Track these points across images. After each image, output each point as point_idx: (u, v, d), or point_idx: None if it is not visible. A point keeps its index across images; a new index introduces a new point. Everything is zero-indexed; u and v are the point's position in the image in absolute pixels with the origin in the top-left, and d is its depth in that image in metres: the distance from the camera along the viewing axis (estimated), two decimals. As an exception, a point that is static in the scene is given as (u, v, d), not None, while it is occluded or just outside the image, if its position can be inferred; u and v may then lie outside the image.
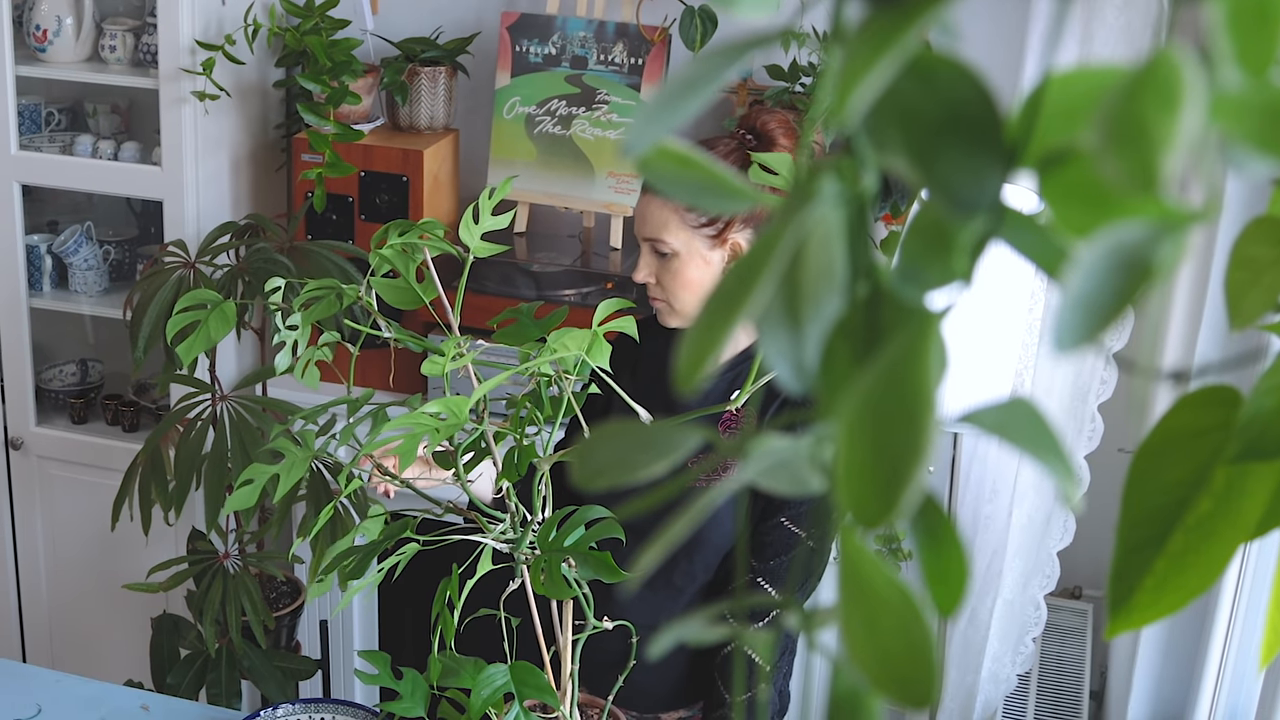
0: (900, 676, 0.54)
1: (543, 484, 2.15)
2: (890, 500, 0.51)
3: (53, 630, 4.53)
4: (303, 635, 4.15)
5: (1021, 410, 0.56)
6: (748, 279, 0.51)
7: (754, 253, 0.52)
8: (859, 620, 0.55)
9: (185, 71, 3.84)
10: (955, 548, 0.56)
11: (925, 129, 0.51)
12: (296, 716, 2.83)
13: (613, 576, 2.04)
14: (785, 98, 3.58)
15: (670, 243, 2.60)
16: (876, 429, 0.51)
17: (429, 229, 2.18)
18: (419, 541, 2.14)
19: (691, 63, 0.56)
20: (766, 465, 0.57)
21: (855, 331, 0.54)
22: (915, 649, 0.53)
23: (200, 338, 2.20)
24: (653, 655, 0.66)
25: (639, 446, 0.62)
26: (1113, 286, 0.48)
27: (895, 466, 0.50)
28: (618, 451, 0.62)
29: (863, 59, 0.48)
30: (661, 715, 2.87)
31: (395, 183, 3.87)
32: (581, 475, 0.64)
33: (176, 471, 3.54)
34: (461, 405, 2.01)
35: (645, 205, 2.63)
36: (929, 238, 0.52)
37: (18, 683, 3.06)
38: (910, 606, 0.54)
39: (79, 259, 4.27)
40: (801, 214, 0.52)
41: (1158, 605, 0.76)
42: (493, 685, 2.12)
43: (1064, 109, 0.50)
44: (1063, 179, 0.51)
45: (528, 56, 3.90)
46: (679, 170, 0.59)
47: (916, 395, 0.50)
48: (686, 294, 2.63)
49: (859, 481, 0.51)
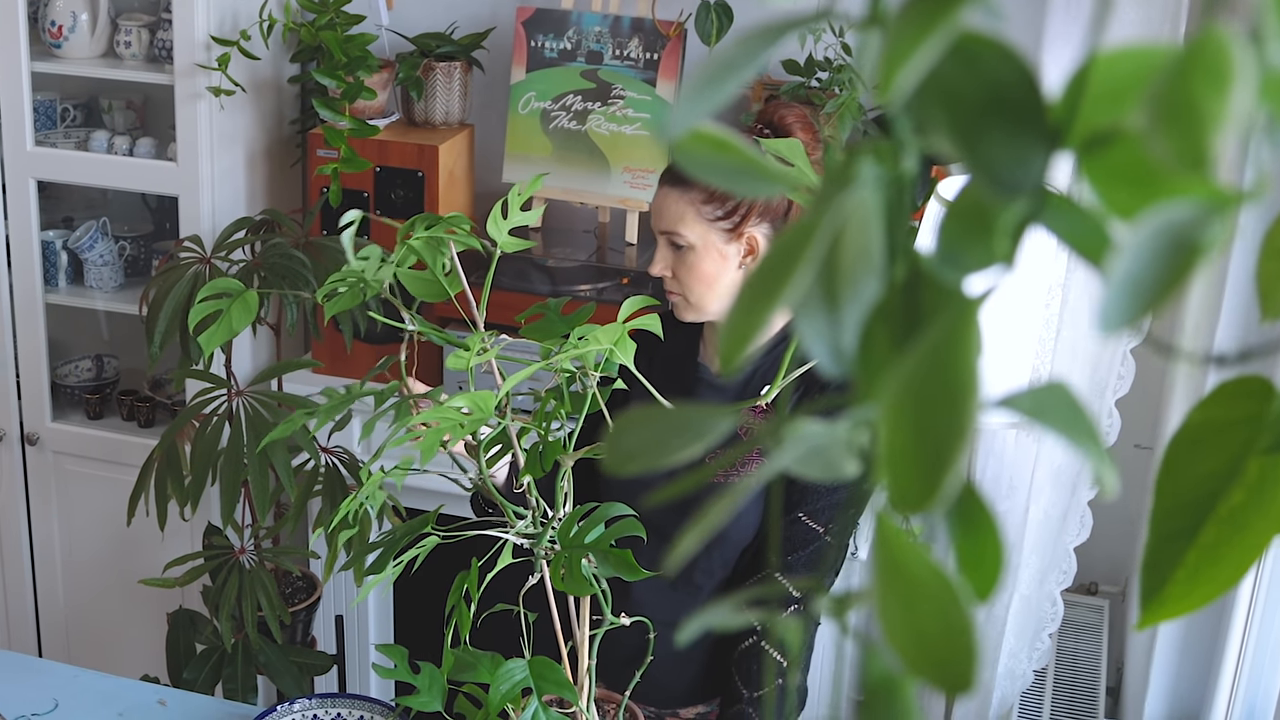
0: (938, 659, 0.54)
1: (565, 480, 2.15)
2: (932, 484, 0.50)
3: (69, 626, 4.54)
4: (318, 630, 4.15)
5: (1057, 395, 0.55)
6: (787, 263, 0.51)
7: (792, 236, 0.52)
8: (896, 604, 0.54)
9: (200, 67, 3.84)
10: (991, 533, 0.56)
11: (968, 110, 0.50)
12: (313, 711, 2.83)
13: (633, 574, 2.04)
14: (801, 92, 3.57)
15: (687, 236, 2.60)
16: (918, 413, 0.50)
17: (456, 223, 2.18)
18: (438, 535, 2.14)
19: (730, 45, 0.56)
20: (801, 452, 0.56)
21: (894, 315, 0.53)
22: (953, 632, 0.53)
23: (222, 327, 2.20)
24: (680, 645, 0.66)
25: (671, 431, 0.62)
26: (1160, 267, 0.47)
27: (937, 450, 0.50)
28: (649, 436, 0.62)
29: (907, 40, 0.47)
30: (680, 711, 2.87)
31: (410, 178, 3.86)
32: (612, 460, 0.64)
33: (192, 467, 3.53)
34: (487, 400, 2.00)
35: (663, 198, 2.63)
36: (969, 220, 0.52)
37: (35, 678, 3.06)
38: (947, 590, 0.53)
39: (94, 255, 4.27)
40: (840, 197, 0.52)
41: (1190, 597, 0.76)
42: (511, 680, 2.12)
43: (1108, 90, 0.50)
44: (1106, 160, 0.51)
45: (543, 51, 3.90)
46: (714, 154, 0.59)
47: (958, 378, 0.50)
48: (702, 288, 2.63)
49: (901, 465, 0.51)
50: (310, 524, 3.93)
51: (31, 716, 2.91)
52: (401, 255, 2.19)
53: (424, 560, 2.14)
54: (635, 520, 2.11)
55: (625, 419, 0.64)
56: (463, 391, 2.02)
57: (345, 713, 2.84)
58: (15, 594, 4.54)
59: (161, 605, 4.17)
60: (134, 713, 2.96)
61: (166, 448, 3.59)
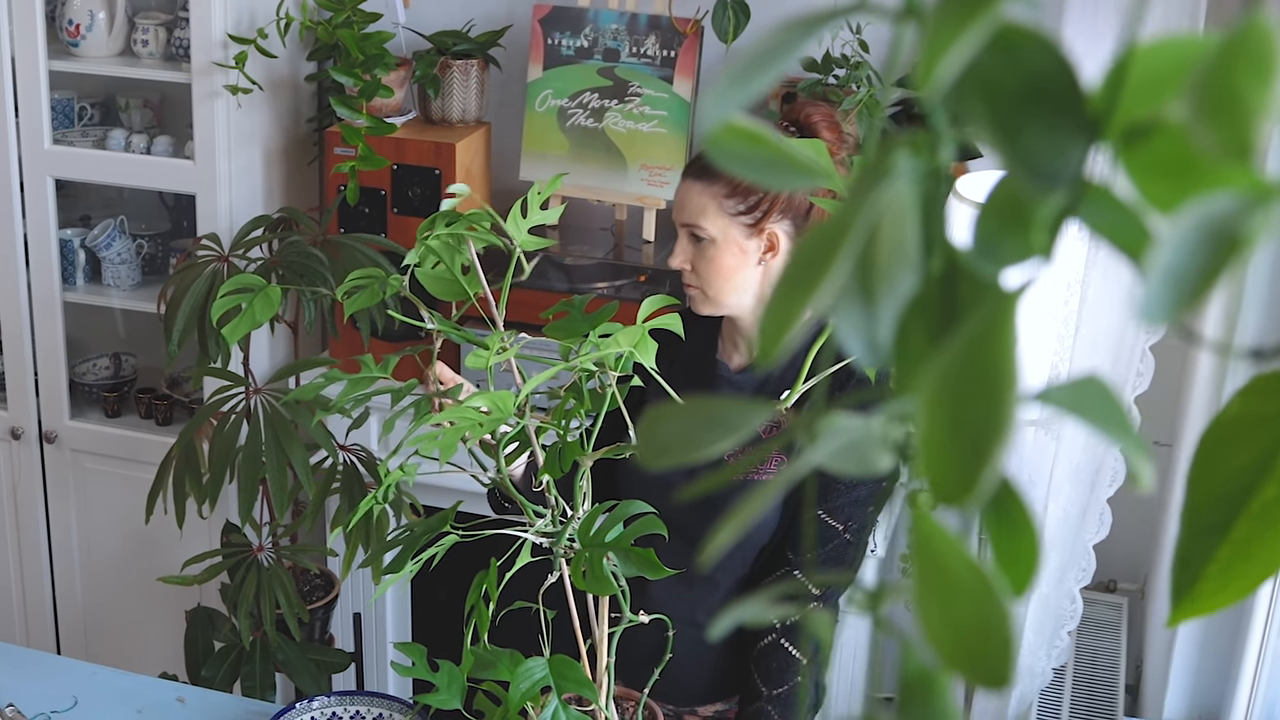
0: (975, 654, 0.54)
1: (584, 479, 2.15)
2: (971, 477, 0.50)
3: (87, 623, 4.55)
4: (336, 628, 4.15)
5: (1093, 389, 0.55)
6: (824, 255, 0.51)
7: (829, 229, 0.52)
8: (933, 599, 0.54)
9: (218, 65, 3.84)
10: (1027, 528, 0.56)
11: (1007, 101, 0.50)
12: (331, 709, 2.83)
13: (656, 573, 2.04)
14: (818, 89, 3.57)
15: (708, 229, 2.60)
16: (957, 406, 0.50)
17: (476, 220, 2.18)
18: (457, 534, 2.14)
19: (766, 36, 0.56)
20: (836, 446, 0.56)
21: (931, 308, 0.53)
22: (990, 627, 0.53)
23: (245, 319, 2.21)
24: (712, 640, 0.66)
25: (705, 424, 0.61)
26: (1201, 259, 0.47)
27: (976, 443, 0.50)
28: (683, 429, 0.62)
29: (946, 32, 0.47)
30: (698, 709, 2.87)
31: (428, 176, 3.87)
32: (645, 454, 0.64)
33: (210, 465, 3.54)
34: (506, 400, 2.00)
35: (685, 190, 2.64)
36: (1006, 213, 0.52)
37: (54, 675, 3.06)
38: (984, 585, 0.53)
39: (112, 253, 4.28)
40: (877, 190, 0.51)
41: (1223, 593, 0.76)
42: (531, 679, 2.12)
43: (1148, 81, 0.50)
44: (1145, 152, 0.50)
45: (560, 49, 3.90)
46: (748, 147, 0.59)
47: (997, 371, 0.49)
48: (721, 281, 2.63)
49: (940, 459, 0.51)
50: (328, 522, 3.94)
51: (51, 714, 2.92)
52: (420, 254, 2.19)
53: (442, 557, 2.14)
54: (656, 518, 2.10)
55: (657, 413, 0.64)
56: (482, 389, 2.02)
57: (364, 710, 2.84)
58: (34, 591, 4.55)
59: (179, 603, 4.17)
60: (153, 710, 2.97)
61: (185, 446, 3.59)
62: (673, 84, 3.81)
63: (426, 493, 3.72)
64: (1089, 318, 3.15)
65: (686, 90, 3.80)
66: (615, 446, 2.14)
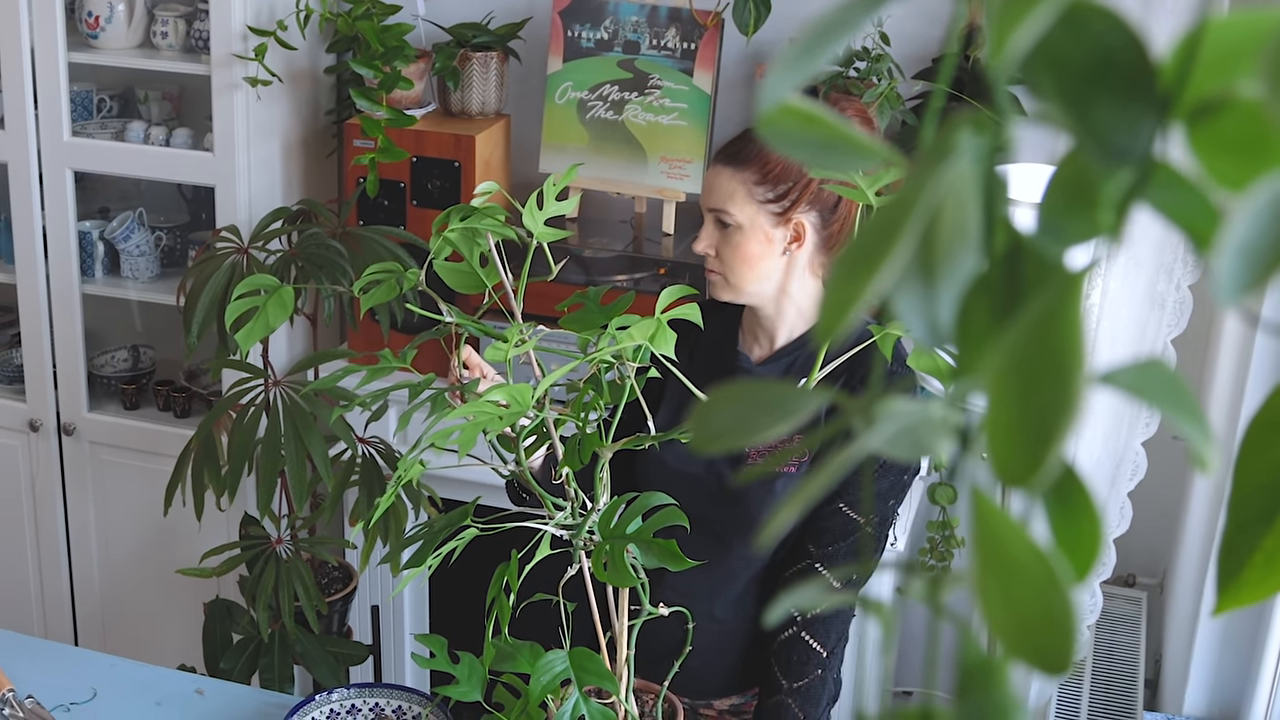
0: (1037, 642, 0.53)
1: (603, 471, 2.15)
2: (1038, 458, 0.50)
3: (105, 615, 4.55)
4: (354, 620, 4.15)
5: (1158, 371, 0.55)
6: (887, 234, 0.50)
7: (891, 209, 0.51)
8: (995, 585, 0.54)
9: (237, 57, 3.84)
10: (1089, 512, 0.55)
11: (1077, 76, 0.49)
12: (350, 701, 2.83)
13: (678, 564, 2.04)
14: (839, 82, 3.56)
15: (735, 215, 2.59)
16: (1023, 386, 0.50)
17: (490, 214, 2.18)
18: (477, 527, 2.13)
19: (830, 11, 0.55)
20: (894, 431, 0.55)
21: (995, 288, 0.53)
22: (1052, 613, 0.52)
23: (259, 324, 2.20)
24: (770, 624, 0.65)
25: (760, 409, 0.61)
26: (1275, 236, 0.46)
27: (1043, 424, 0.49)
28: (737, 414, 0.61)
29: (1018, 6, 0.46)
30: (714, 702, 2.86)
31: (447, 168, 3.86)
32: (699, 438, 0.63)
33: (230, 457, 3.54)
34: (525, 393, 2.00)
35: (715, 175, 2.64)
36: (1071, 192, 0.51)
37: (73, 666, 3.06)
38: (1047, 571, 0.53)
39: (131, 245, 4.28)
40: (940, 169, 0.51)
41: (1267, 582, 0.75)
42: (552, 671, 2.11)
43: (1219, 57, 0.49)
44: (1214, 129, 0.50)
45: (580, 41, 3.89)
46: (803, 128, 0.58)
47: (1064, 351, 0.49)
48: (745, 269, 2.62)
49: (1006, 440, 0.50)
50: (346, 514, 3.94)
51: (70, 705, 2.92)
52: (437, 247, 2.18)
53: (460, 550, 2.14)
54: (677, 509, 2.10)
55: (714, 398, 0.63)
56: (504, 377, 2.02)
57: (383, 702, 2.84)
58: (51, 584, 4.55)
59: (196, 596, 4.17)
60: (172, 702, 2.96)
61: (203, 438, 3.60)
62: (693, 76, 3.80)
63: (444, 485, 3.72)
64: (1110, 311, 3.14)
65: (707, 83, 3.79)
66: (635, 438, 2.14)
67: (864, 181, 1.94)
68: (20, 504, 4.48)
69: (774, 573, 2.73)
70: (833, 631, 2.68)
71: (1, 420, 4.43)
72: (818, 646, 2.67)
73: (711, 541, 2.64)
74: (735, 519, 2.69)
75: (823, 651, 2.67)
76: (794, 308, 2.68)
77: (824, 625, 2.67)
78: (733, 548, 2.71)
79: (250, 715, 2.94)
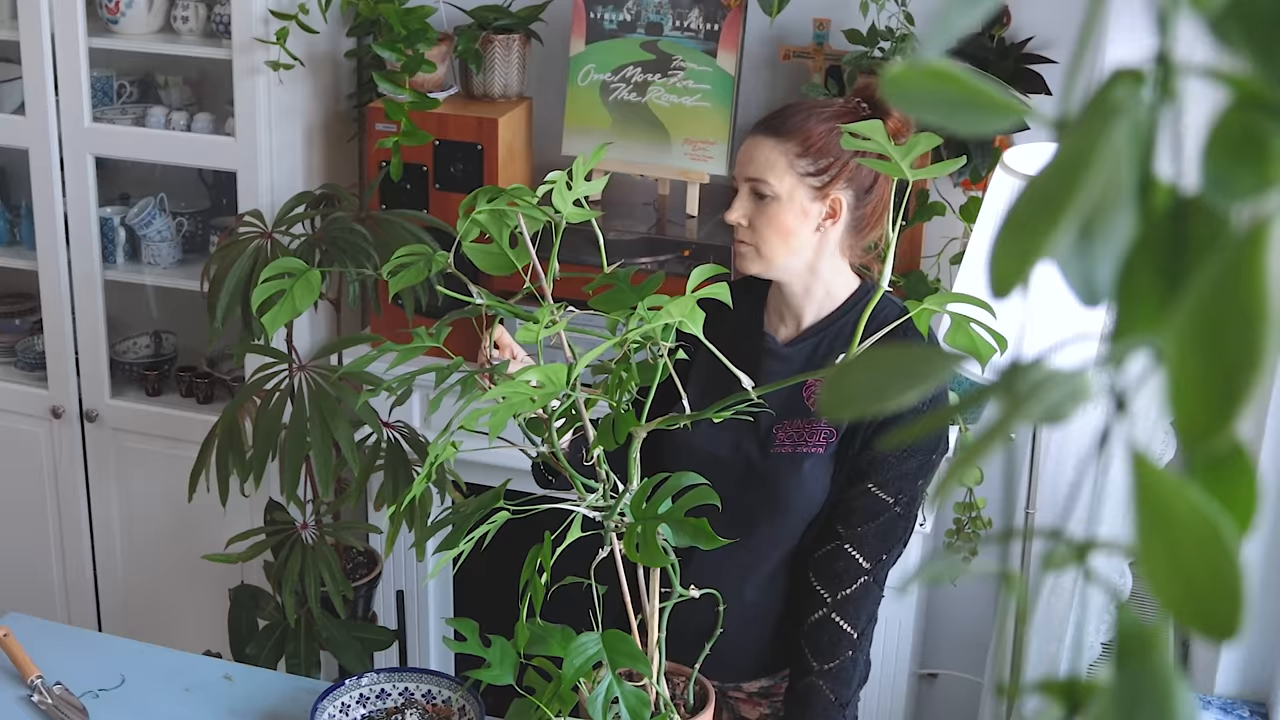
0: (1204, 605, 0.53)
1: (636, 451, 2.14)
2: (1226, 413, 0.49)
3: (129, 602, 4.55)
4: (379, 606, 4.15)
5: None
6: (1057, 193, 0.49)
7: (1057, 166, 0.50)
8: (1160, 549, 0.53)
9: (259, 41, 3.83)
10: (1245, 470, 0.54)
11: (1266, 23, 0.48)
12: (380, 685, 2.83)
13: (710, 543, 2.02)
14: (864, 62, 3.54)
15: (774, 185, 2.58)
16: (1209, 343, 0.49)
17: (518, 195, 2.17)
18: (509, 510, 2.12)
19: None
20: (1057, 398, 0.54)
21: (1159, 246, 0.52)
22: (1220, 574, 0.52)
23: (285, 307, 2.19)
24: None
25: (892, 374, 0.59)
26: None
27: (1231, 380, 0.49)
28: (870, 380, 0.60)
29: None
30: (743, 685, 2.85)
31: (470, 151, 3.85)
32: (830, 403, 0.62)
33: (255, 442, 3.53)
34: (559, 373, 1.99)
35: (755, 146, 2.62)
36: (1239, 146, 0.50)
37: (101, 653, 3.06)
38: (1212, 530, 0.52)
39: (152, 231, 4.27)
40: (1108, 125, 0.50)
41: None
42: (585, 653, 2.11)
43: None
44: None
45: (602, 23, 3.87)
46: (934, 86, 0.56)
47: (1251, 304, 0.48)
48: (778, 241, 2.61)
49: (1191, 397, 0.49)
50: (370, 498, 3.93)
51: (99, 692, 2.92)
52: (465, 228, 2.17)
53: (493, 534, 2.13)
54: (709, 488, 2.09)
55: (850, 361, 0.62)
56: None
57: (413, 687, 2.84)
58: (75, 571, 4.55)
59: (219, 582, 4.17)
60: (201, 688, 2.96)
61: (228, 423, 3.59)
62: (716, 58, 3.78)
63: (470, 470, 3.70)
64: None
65: (730, 64, 3.77)
66: (669, 417, 2.13)
67: (898, 154, 1.93)
68: (43, 491, 4.48)
69: (803, 554, 2.72)
70: (863, 613, 2.67)
71: (24, 407, 4.43)
72: (848, 628, 2.65)
73: (740, 524, 2.63)
74: (764, 501, 2.68)
75: (853, 633, 2.66)
76: (822, 288, 2.67)
77: (854, 606, 2.66)
78: (761, 530, 2.69)
79: (279, 700, 2.93)
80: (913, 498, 2.67)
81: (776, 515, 2.68)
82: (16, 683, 2.91)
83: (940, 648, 4.32)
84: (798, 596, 2.72)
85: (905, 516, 2.66)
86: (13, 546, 4.59)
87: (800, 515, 2.68)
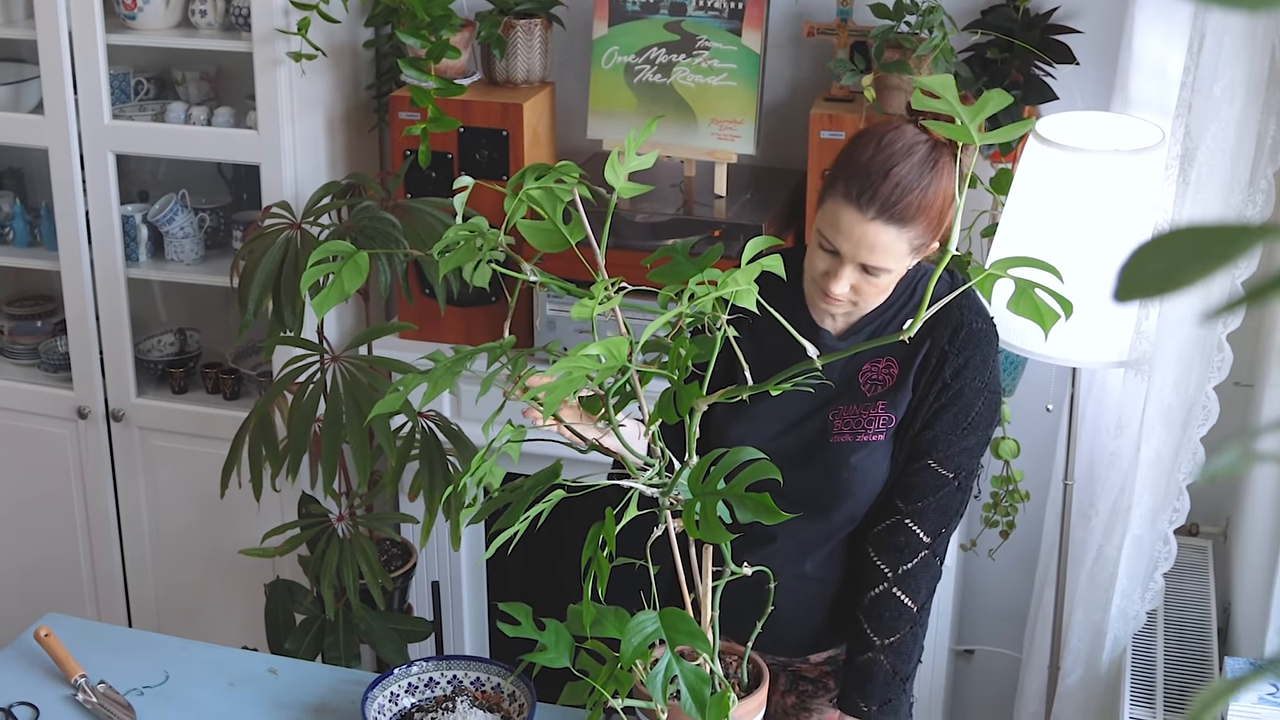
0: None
1: (695, 425, 2.12)
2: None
3: (159, 601, 4.53)
4: (414, 597, 4.13)
5: None
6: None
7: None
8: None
9: (280, 32, 3.81)
10: None
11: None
12: (428, 674, 2.81)
13: (772, 518, 2.00)
14: (891, 36, 3.52)
15: (895, 268, 2.52)
16: None
17: (565, 172, 2.15)
18: (565, 487, 2.11)
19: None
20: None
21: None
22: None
23: (334, 290, 2.17)
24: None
25: (1191, 256, 0.57)
26: None
27: None
28: (1169, 262, 0.58)
29: None
30: (810, 657, 2.85)
31: (495, 137, 3.83)
32: (1126, 288, 0.60)
33: (290, 434, 3.51)
34: (621, 347, 1.97)
35: (872, 232, 2.46)
36: None
37: (142, 651, 3.05)
38: None
39: (175, 227, 4.25)
40: None
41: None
42: (643, 632, 2.09)
43: None
44: None
45: (625, 5, 3.85)
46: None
47: None
48: (879, 297, 2.57)
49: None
50: (404, 490, 3.91)
51: (144, 689, 2.90)
52: (514, 207, 2.15)
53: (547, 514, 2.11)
54: (768, 463, 2.06)
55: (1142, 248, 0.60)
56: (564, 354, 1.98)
57: (461, 674, 2.82)
58: (104, 571, 4.53)
59: (250, 577, 4.16)
60: (245, 683, 2.95)
61: (261, 417, 3.57)
62: (741, 36, 3.76)
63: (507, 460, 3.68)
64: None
65: (755, 42, 3.75)
66: (731, 389, 2.11)
67: (967, 114, 1.90)
68: (70, 492, 4.47)
69: (863, 529, 2.70)
70: (923, 587, 2.66)
71: (49, 409, 4.41)
72: (909, 602, 2.64)
73: (804, 510, 2.60)
74: (828, 490, 2.65)
75: (914, 607, 2.65)
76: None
77: (915, 581, 2.65)
78: (824, 516, 2.68)
79: (325, 692, 2.92)
80: (970, 472, 2.66)
81: (840, 502, 2.66)
82: (60, 682, 2.90)
83: (977, 624, 4.30)
84: (857, 571, 2.71)
85: (963, 489, 2.65)
86: (42, 548, 4.58)
87: (863, 501, 2.67)
